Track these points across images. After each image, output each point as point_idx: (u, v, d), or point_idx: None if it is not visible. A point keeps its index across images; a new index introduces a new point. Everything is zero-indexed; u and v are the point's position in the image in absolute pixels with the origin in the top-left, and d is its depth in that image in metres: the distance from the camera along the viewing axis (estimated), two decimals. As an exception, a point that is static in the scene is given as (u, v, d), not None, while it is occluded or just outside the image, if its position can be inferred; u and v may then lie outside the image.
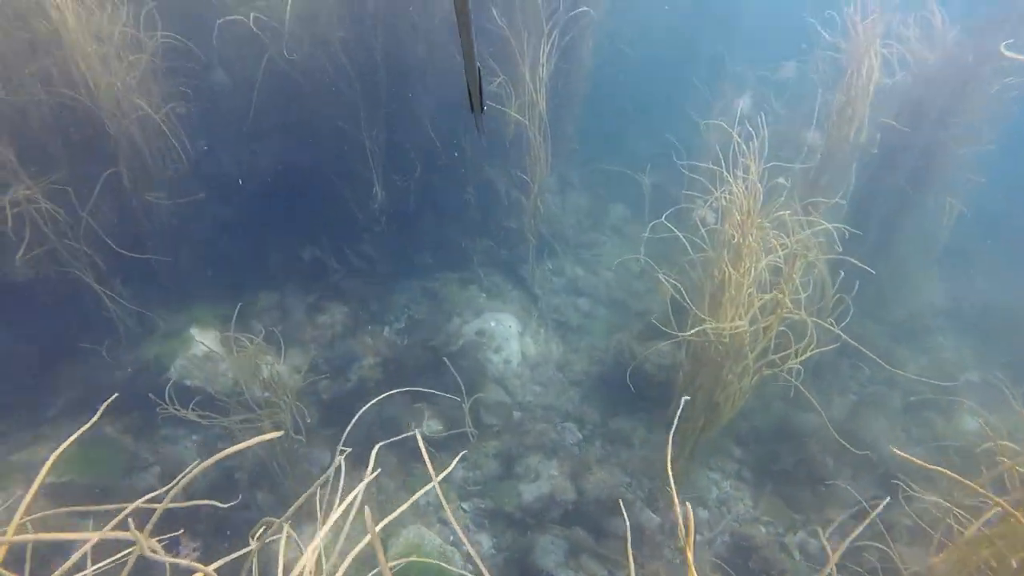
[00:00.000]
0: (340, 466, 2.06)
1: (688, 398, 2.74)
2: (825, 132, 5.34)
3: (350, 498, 1.76)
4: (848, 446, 3.68)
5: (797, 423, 5.21)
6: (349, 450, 2.17)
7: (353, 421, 2.41)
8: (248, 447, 1.70)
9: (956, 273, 8.16)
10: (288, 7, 5.28)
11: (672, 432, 2.01)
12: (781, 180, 4.16)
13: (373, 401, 2.76)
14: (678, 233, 4.46)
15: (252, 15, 5.18)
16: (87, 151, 4.88)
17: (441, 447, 4.72)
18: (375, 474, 1.89)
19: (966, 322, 7.39)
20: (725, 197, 4.27)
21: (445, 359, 4.79)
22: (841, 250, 4.70)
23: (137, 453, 4.49)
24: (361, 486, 1.73)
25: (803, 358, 3.91)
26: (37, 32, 4.29)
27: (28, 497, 1.53)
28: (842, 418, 5.43)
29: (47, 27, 4.26)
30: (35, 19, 4.21)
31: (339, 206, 6.26)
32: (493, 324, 5.84)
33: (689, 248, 4.58)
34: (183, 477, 1.58)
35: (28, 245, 4.28)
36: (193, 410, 3.69)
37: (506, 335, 5.80)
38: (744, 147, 4.12)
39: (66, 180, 4.53)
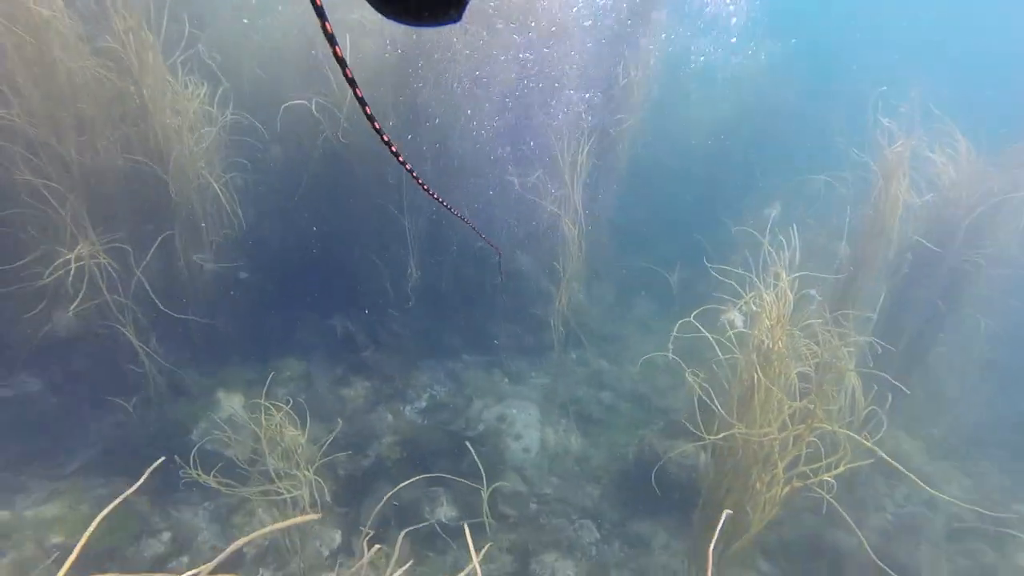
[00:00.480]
0: (352, 550, 2.03)
1: (730, 511, 2.66)
2: (855, 245, 5.45)
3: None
4: (892, 574, 3.44)
5: (830, 540, 4.92)
6: (372, 532, 2.14)
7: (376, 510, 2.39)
8: (265, 522, 1.70)
9: (999, 394, 7.87)
10: (347, 97, 5.79)
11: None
12: (812, 291, 4.21)
13: (394, 489, 2.73)
14: (707, 334, 4.47)
15: (315, 100, 5.68)
16: (149, 213, 5.23)
17: (455, 535, 4.55)
18: (401, 571, 1.86)
19: (1015, 447, 7.02)
20: (755, 302, 4.31)
21: (466, 443, 4.72)
22: (872, 364, 4.64)
23: (149, 517, 4.42)
24: None
25: (837, 472, 3.77)
26: (128, 105, 4.75)
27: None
28: (878, 540, 5.10)
29: (138, 102, 4.72)
30: (129, 97, 4.66)
31: (373, 283, 6.48)
32: (515, 411, 5.78)
33: (717, 349, 4.57)
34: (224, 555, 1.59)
35: (81, 299, 4.49)
36: (214, 477, 3.66)
37: (527, 423, 5.73)
38: (775, 255, 4.21)
39: (126, 239, 4.83)
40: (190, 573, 1.68)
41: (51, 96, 4.27)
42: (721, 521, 2.34)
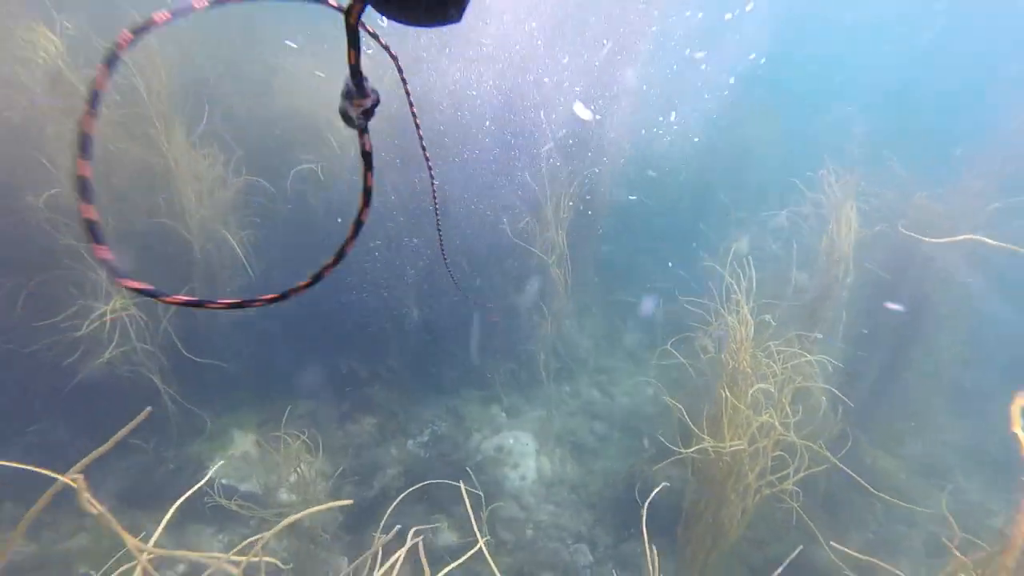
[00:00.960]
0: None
1: (667, 484, 3.04)
2: (814, 273, 5.94)
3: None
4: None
5: (813, 557, 5.17)
6: (383, 536, 2.53)
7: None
8: (276, 537, 2.11)
9: (977, 413, 8.14)
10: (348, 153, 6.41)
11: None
12: (767, 317, 4.66)
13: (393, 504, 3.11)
14: (683, 360, 4.92)
15: (320, 165, 6.31)
16: (173, 267, 5.75)
17: (455, 558, 4.83)
18: None
19: (994, 466, 7.26)
20: (721, 328, 4.77)
21: (467, 469, 5.08)
22: (846, 385, 5.01)
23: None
24: None
25: (796, 479, 4.13)
26: (156, 175, 5.35)
27: None
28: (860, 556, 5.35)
29: (163, 169, 5.32)
30: (157, 168, 5.26)
31: (376, 325, 6.93)
32: (511, 441, 6.13)
33: (692, 373, 5.00)
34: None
35: (113, 347, 4.95)
36: (235, 501, 4.03)
37: (523, 452, 6.07)
38: (736, 285, 4.68)
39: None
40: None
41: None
42: (653, 493, 2.70)
